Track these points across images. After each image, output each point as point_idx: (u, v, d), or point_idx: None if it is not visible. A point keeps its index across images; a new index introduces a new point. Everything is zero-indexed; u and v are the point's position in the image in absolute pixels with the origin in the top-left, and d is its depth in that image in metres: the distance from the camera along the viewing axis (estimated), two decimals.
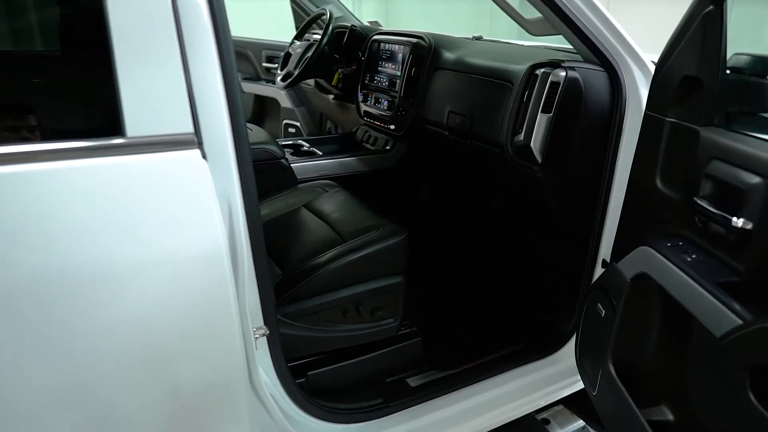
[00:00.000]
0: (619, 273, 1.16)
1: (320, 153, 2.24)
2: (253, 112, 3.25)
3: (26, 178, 0.74)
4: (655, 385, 1.16)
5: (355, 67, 2.33)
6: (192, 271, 0.85)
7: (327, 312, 1.39)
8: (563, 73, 1.37)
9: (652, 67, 1.35)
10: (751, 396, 0.85)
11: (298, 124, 2.98)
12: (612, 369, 1.18)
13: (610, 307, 1.19)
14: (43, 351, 0.77)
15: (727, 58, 1.02)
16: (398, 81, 2.06)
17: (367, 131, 2.38)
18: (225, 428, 0.99)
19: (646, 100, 1.19)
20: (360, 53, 2.31)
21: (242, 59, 3.11)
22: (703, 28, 1.00)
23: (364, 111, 2.28)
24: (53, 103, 0.89)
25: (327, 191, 1.80)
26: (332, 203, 1.70)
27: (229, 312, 0.90)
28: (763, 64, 1.09)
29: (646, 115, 1.17)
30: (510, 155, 1.51)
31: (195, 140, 0.84)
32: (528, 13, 1.52)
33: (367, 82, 2.27)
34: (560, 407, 1.75)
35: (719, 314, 0.87)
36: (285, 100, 2.99)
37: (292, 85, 2.33)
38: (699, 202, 0.98)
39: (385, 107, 2.13)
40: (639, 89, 1.38)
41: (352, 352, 1.49)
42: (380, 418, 1.40)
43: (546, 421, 1.71)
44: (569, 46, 1.51)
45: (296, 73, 2.26)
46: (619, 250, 1.29)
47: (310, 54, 2.24)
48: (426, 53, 1.93)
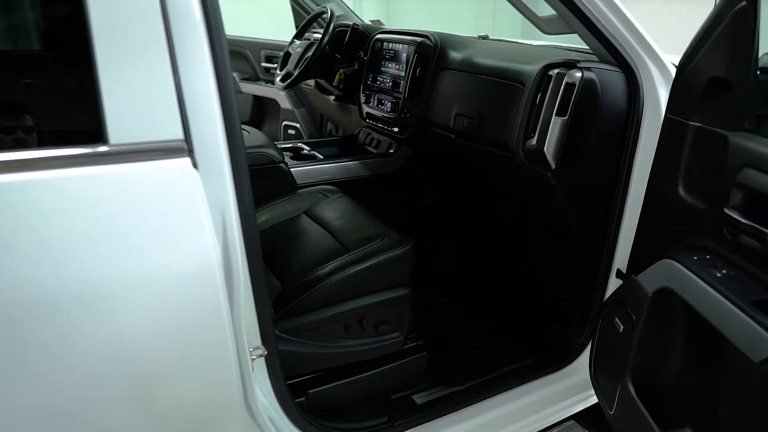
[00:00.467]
0: (640, 287, 1.12)
1: (321, 157, 2.19)
2: (251, 114, 3.22)
3: None
4: (680, 407, 1.12)
5: (357, 68, 2.28)
6: (181, 289, 0.79)
7: (329, 327, 1.34)
8: (579, 74, 1.31)
9: (671, 68, 1.31)
10: None
11: (298, 126, 2.96)
12: (631, 388, 1.14)
13: (629, 323, 1.16)
14: (23, 376, 0.72)
15: (758, 58, 0.97)
16: (402, 82, 2.01)
17: (369, 134, 2.34)
18: None
19: (665, 103, 1.15)
20: (362, 53, 2.27)
21: (240, 59, 3.09)
22: (734, 25, 0.95)
23: (367, 113, 2.23)
24: (27, 107, 0.82)
25: (328, 197, 1.76)
26: (334, 210, 1.65)
27: (222, 332, 0.85)
28: None
29: (666, 118, 1.13)
30: (521, 160, 1.45)
31: (185, 147, 0.78)
32: (541, 10, 1.46)
33: (369, 82, 2.22)
34: (571, 422, 1.70)
35: (758, 337, 0.82)
36: (285, 101, 2.96)
37: (292, 85, 2.28)
38: (729, 212, 0.94)
39: (389, 109, 2.08)
40: (658, 91, 1.33)
41: (355, 368, 1.44)
42: None
43: None
44: (579, 45, 1.46)
45: (296, 73, 2.21)
46: (636, 261, 1.26)
47: (310, 54, 2.19)
48: (431, 53, 1.88)
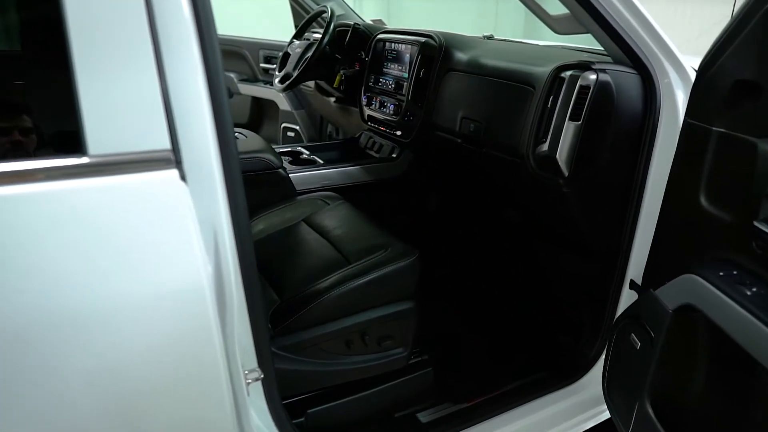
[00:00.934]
0: (659, 302, 1.06)
1: (321, 161, 2.13)
2: (250, 116, 3.17)
3: None
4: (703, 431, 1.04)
5: (358, 69, 2.23)
6: (169, 309, 0.73)
7: (329, 343, 1.27)
8: (594, 77, 1.24)
9: (690, 70, 1.24)
10: None
11: (298, 128, 2.91)
12: (650, 408, 1.08)
13: (648, 340, 1.09)
14: (8, 400, 0.67)
15: None
16: (405, 83, 1.95)
17: (371, 137, 2.27)
18: None
19: (683, 107, 1.08)
20: (363, 53, 2.21)
21: (239, 59, 3.04)
22: (765, 25, 0.88)
23: (368, 115, 2.17)
24: None
25: (328, 204, 1.70)
26: (334, 217, 1.58)
27: (213, 352, 0.79)
28: None
29: (686, 123, 1.06)
30: (532, 167, 1.38)
31: (172, 158, 0.71)
32: (552, 9, 1.40)
33: (371, 84, 2.16)
34: None
35: None
36: (284, 103, 2.91)
37: (291, 87, 2.22)
38: (759, 226, 0.87)
39: (391, 111, 2.02)
40: (675, 94, 1.26)
41: (357, 386, 1.37)
42: None
43: None
44: (589, 46, 1.39)
45: (295, 74, 2.15)
46: (653, 273, 1.20)
47: (310, 54, 2.13)
48: (436, 53, 1.82)
